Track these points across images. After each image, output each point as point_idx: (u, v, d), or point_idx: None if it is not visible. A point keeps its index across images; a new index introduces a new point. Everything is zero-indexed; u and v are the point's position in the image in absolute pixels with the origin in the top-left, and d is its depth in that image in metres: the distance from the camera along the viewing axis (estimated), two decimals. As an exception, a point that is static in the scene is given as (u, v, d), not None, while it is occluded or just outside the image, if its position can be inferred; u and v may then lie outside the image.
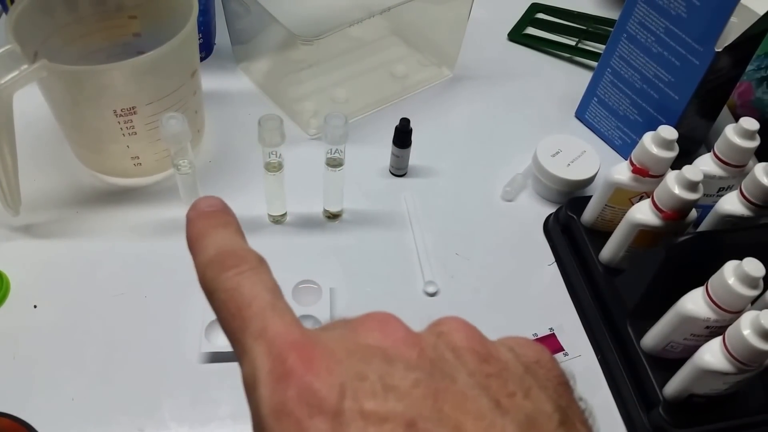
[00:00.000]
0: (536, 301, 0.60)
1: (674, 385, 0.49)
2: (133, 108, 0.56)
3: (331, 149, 0.56)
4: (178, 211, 0.61)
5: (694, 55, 0.60)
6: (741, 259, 0.44)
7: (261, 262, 0.25)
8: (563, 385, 0.24)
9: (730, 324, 0.45)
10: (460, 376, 0.22)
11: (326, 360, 0.21)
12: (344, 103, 0.73)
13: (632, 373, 0.53)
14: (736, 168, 0.55)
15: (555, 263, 0.62)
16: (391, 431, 0.19)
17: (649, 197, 0.53)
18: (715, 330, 0.47)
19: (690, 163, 0.52)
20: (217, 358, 0.53)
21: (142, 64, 0.54)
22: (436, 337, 0.23)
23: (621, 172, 0.55)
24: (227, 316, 0.24)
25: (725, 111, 0.73)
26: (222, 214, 0.26)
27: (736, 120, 0.53)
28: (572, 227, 0.61)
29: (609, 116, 0.72)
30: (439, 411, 0.20)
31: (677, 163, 0.53)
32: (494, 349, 0.24)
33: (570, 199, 0.63)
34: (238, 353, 0.23)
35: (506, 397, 0.22)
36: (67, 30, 0.61)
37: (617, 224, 0.55)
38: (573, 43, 0.84)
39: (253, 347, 0.22)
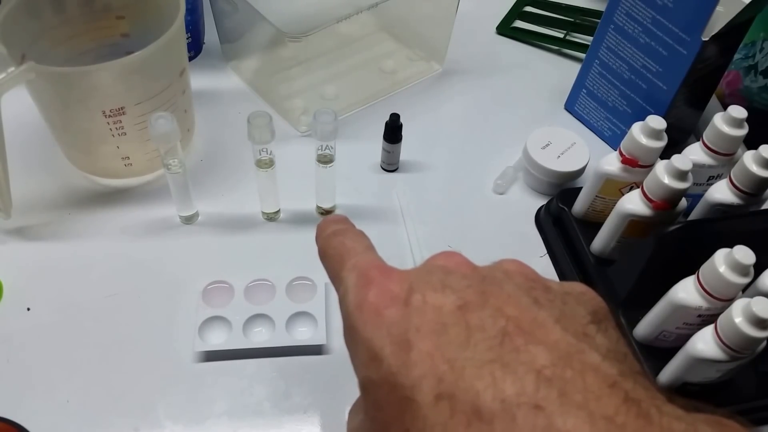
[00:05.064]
0: (529, 293, 0.60)
1: (668, 373, 0.49)
2: (122, 108, 0.56)
3: (321, 146, 0.56)
4: (169, 211, 0.61)
5: (681, 44, 0.60)
6: (731, 247, 0.45)
7: (362, 232, 0.34)
8: (603, 309, 0.28)
9: (722, 312, 0.45)
10: (506, 286, 0.27)
11: (400, 273, 0.28)
12: (334, 100, 0.73)
13: (626, 363, 0.53)
14: (725, 156, 0.55)
15: (547, 255, 0.63)
16: (446, 312, 0.25)
17: (638, 187, 0.53)
18: (707, 318, 0.47)
19: (679, 152, 0.52)
20: (211, 356, 0.53)
21: (130, 64, 0.54)
22: (492, 265, 0.30)
23: (610, 162, 0.55)
24: (332, 264, 0.32)
25: (714, 100, 0.74)
26: (342, 220, 0.35)
27: (725, 109, 0.54)
28: (563, 219, 0.62)
29: (598, 107, 0.72)
30: (485, 301, 0.26)
31: (667, 153, 0.53)
32: (543, 278, 0.29)
33: (561, 190, 0.63)
34: (336, 286, 0.30)
35: (546, 300, 0.27)
36: (55, 32, 0.61)
37: (608, 215, 0.55)
38: (561, 36, 0.84)
39: (347, 275, 0.29)
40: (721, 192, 0.53)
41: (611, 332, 0.27)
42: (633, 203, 0.53)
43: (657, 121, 0.52)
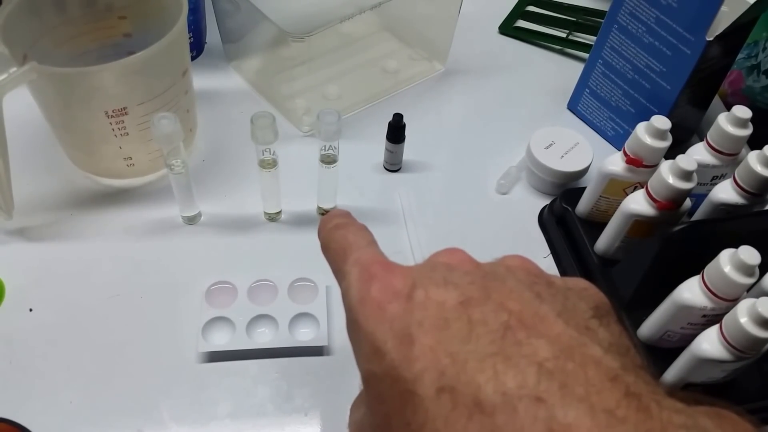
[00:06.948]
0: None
1: (672, 374, 0.49)
2: (125, 109, 0.56)
3: (324, 146, 0.56)
4: (172, 211, 0.61)
5: (686, 44, 0.60)
6: (736, 247, 0.44)
7: (364, 227, 0.34)
8: (605, 304, 0.28)
9: (727, 312, 0.45)
10: (509, 281, 0.27)
11: (402, 269, 0.28)
12: (336, 100, 0.73)
13: (630, 363, 0.53)
14: (730, 156, 0.55)
15: (550, 255, 0.62)
16: (448, 307, 0.25)
17: (643, 187, 0.53)
18: (712, 318, 0.47)
19: (683, 152, 0.52)
20: (214, 357, 0.53)
21: (132, 64, 0.54)
22: (494, 261, 0.30)
23: (615, 162, 0.55)
24: (335, 257, 0.32)
25: (716, 100, 0.74)
26: (345, 214, 0.35)
27: (728, 108, 0.53)
28: (567, 219, 0.61)
29: (601, 107, 0.72)
30: (488, 296, 0.26)
31: (670, 153, 0.53)
32: (545, 273, 0.29)
33: (564, 190, 0.63)
34: (339, 280, 0.30)
35: (548, 295, 0.27)
36: (57, 32, 0.61)
37: (612, 215, 0.55)
38: (564, 35, 0.84)
39: (350, 270, 0.29)
40: (726, 192, 0.53)
41: (613, 327, 0.27)
42: (637, 203, 0.52)
43: (662, 121, 0.52)
